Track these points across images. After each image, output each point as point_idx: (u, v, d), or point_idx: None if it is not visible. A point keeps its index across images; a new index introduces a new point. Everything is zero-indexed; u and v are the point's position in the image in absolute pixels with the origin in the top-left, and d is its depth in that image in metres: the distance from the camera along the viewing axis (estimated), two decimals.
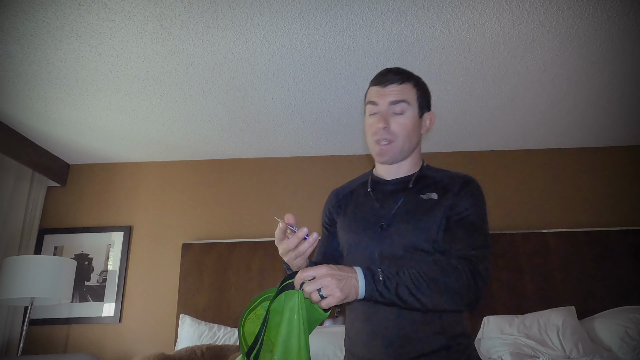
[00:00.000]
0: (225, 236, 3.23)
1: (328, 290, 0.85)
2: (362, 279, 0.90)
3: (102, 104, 2.61)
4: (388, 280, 0.90)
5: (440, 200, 1.10)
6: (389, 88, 1.13)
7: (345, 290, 0.86)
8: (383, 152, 1.14)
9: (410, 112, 1.13)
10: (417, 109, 1.15)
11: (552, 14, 2.00)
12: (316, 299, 0.85)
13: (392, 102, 1.12)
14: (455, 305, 0.97)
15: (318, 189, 3.33)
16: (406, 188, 1.15)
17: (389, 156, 1.14)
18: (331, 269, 0.87)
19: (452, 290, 0.94)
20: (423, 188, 1.14)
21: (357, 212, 1.20)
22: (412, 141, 1.15)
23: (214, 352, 2.27)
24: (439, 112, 2.86)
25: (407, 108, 1.13)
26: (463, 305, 0.97)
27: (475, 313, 2.86)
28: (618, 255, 3.01)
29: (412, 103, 1.14)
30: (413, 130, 1.14)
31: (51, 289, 2.58)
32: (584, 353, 2.37)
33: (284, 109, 2.76)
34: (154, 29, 2.00)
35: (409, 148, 1.16)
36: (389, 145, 1.13)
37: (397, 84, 1.13)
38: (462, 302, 0.97)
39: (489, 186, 3.36)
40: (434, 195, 1.11)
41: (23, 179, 3.02)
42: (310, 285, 0.85)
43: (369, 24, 2.03)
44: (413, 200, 1.12)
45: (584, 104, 2.83)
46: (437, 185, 1.13)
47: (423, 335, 1.02)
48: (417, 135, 1.17)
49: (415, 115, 1.15)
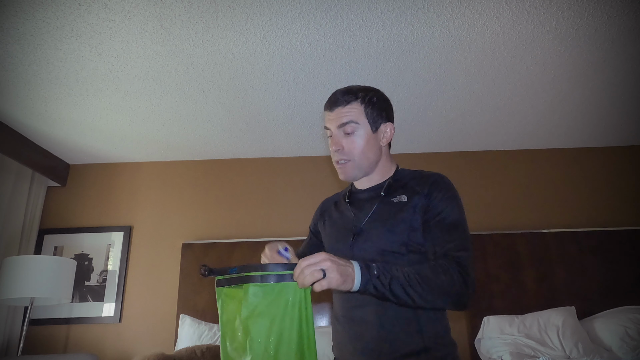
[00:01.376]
0: (225, 236, 3.23)
1: (329, 272, 0.87)
2: (358, 271, 0.92)
3: (102, 104, 2.61)
4: (382, 275, 0.93)
5: (410, 201, 1.13)
6: (336, 112, 1.17)
7: (344, 275, 0.88)
8: (342, 171, 1.19)
9: (360, 130, 1.16)
10: (368, 126, 1.17)
11: (552, 14, 2.00)
12: (318, 276, 0.86)
13: (340, 125, 1.17)
14: (444, 304, 1.00)
15: (318, 189, 3.33)
16: (379, 195, 1.20)
17: (348, 175, 1.20)
18: (330, 255, 0.90)
19: (443, 289, 0.97)
20: (394, 192, 1.18)
21: (335, 221, 1.28)
22: (369, 157, 1.19)
23: (214, 352, 2.27)
24: (439, 112, 2.86)
25: (356, 127, 1.16)
26: (453, 304, 1.00)
27: (475, 313, 2.86)
28: (618, 255, 3.01)
29: (361, 121, 1.17)
30: (367, 146, 1.17)
31: (51, 289, 2.58)
32: (584, 353, 2.37)
33: (284, 109, 2.76)
34: (154, 29, 2.00)
35: (368, 164, 1.19)
36: (346, 164, 1.18)
37: (342, 106, 1.17)
38: (452, 301, 0.99)
39: (489, 186, 3.36)
40: (404, 198, 1.15)
41: (23, 179, 3.02)
42: (310, 267, 0.87)
43: (369, 24, 2.04)
44: (385, 205, 1.16)
45: (584, 104, 2.83)
46: (406, 187, 1.17)
47: (402, 337, 1.06)
48: (374, 149, 1.20)
49: (367, 131, 1.17)
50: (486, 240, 3.06)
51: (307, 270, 0.87)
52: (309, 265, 0.87)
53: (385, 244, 1.11)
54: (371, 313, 1.08)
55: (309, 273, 0.86)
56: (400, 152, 3.43)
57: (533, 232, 3.10)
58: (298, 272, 0.88)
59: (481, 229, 3.16)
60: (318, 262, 0.88)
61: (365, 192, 1.24)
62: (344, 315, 1.15)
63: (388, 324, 1.07)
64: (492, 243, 3.06)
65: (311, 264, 0.87)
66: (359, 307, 1.11)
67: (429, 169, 1.28)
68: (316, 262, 0.87)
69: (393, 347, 1.05)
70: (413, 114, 2.87)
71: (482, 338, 2.68)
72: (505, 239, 3.07)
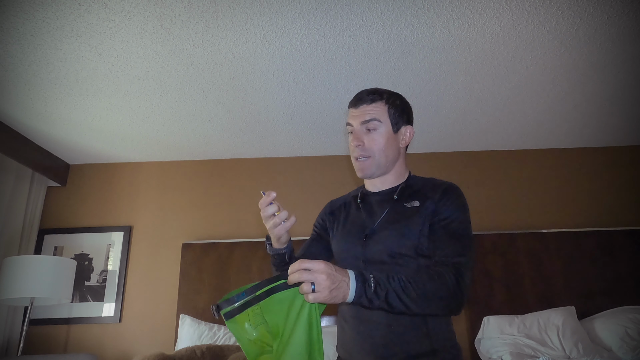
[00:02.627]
0: (225, 236, 3.23)
1: (319, 287, 0.86)
2: (353, 284, 0.91)
3: (102, 104, 2.61)
4: (379, 287, 0.93)
5: (422, 206, 1.15)
6: (360, 109, 1.21)
7: (333, 293, 0.88)
8: (361, 167, 1.21)
9: (382, 129, 1.20)
10: (390, 125, 1.21)
11: (552, 14, 2.00)
12: (307, 290, 0.87)
13: (363, 122, 1.20)
14: (439, 311, 1.00)
15: (318, 189, 3.33)
16: (392, 199, 1.21)
17: (366, 171, 1.22)
18: (328, 267, 0.88)
19: (438, 296, 0.98)
20: (407, 197, 1.20)
21: (347, 222, 1.28)
22: (388, 155, 1.21)
23: (214, 352, 2.27)
24: (439, 112, 2.86)
25: (378, 125, 1.19)
26: (447, 310, 1.01)
27: (475, 313, 2.86)
28: (618, 255, 3.01)
29: (384, 120, 1.20)
30: (388, 144, 1.20)
31: (51, 289, 2.58)
32: (584, 353, 2.37)
33: (284, 109, 2.76)
34: (154, 29, 2.00)
35: (385, 162, 1.22)
36: (366, 161, 1.20)
37: (367, 104, 1.21)
38: (447, 308, 1.01)
39: (489, 186, 3.36)
40: (416, 203, 1.17)
41: (23, 179, 3.02)
42: (305, 275, 0.87)
43: (369, 24, 2.04)
44: (397, 209, 1.18)
45: (584, 104, 2.83)
46: (419, 194, 1.19)
47: (410, 338, 1.06)
48: (394, 149, 1.22)
49: (389, 130, 1.21)
50: (486, 240, 3.06)
51: (300, 276, 0.87)
52: (303, 271, 0.87)
53: (396, 247, 1.12)
54: (380, 313, 1.08)
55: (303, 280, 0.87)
56: None
57: (533, 232, 3.10)
58: (293, 270, 0.88)
59: (481, 229, 3.16)
60: (314, 271, 0.87)
61: (378, 195, 1.26)
62: (352, 316, 1.15)
63: (396, 324, 1.07)
64: (492, 243, 3.06)
65: (307, 269, 0.87)
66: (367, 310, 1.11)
67: (429, 168, 1.29)
68: (313, 270, 0.87)
69: (401, 348, 1.06)
70: (413, 114, 2.87)
71: (482, 338, 2.68)
72: (505, 239, 3.07)
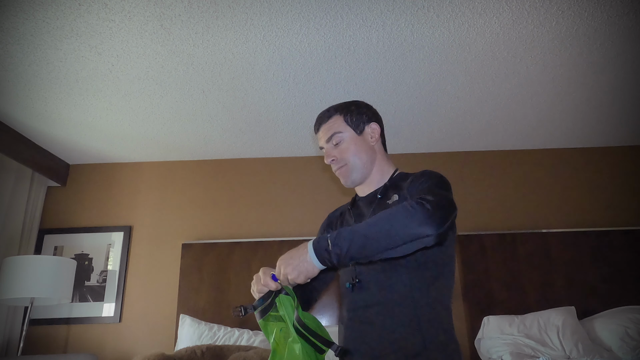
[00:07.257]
0: (225, 236, 3.23)
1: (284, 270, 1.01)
2: (311, 249, 1.00)
3: (102, 104, 2.61)
4: (338, 238, 0.98)
5: (400, 198, 1.17)
6: (322, 129, 1.29)
7: (299, 267, 1.00)
8: (342, 175, 1.27)
9: (346, 136, 1.26)
10: (351, 131, 1.27)
11: (552, 14, 2.00)
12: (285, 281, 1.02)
13: (328, 139, 1.27)
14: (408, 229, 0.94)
15: (318, 189, 3.33)
16: (376, 199, 1.23)
17: (348, 177, 1.27)
18: (283, 255, 1.03)
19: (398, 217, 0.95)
20: (389, 194, 1.22)
21: None
22: (362, 157, 1.25)
23: (214, 352, 2.27)
24: (439, 112, 2.86)
25: (341, 136, 1.26)
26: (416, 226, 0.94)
27: (475, 313, 2.86)
28: (618, 255, 3.01)
29: (344, 129, 1.26)
30: (357, 148, 1.25)
31: (51, 289, 2.58)
32: (584, 353, 2.37)
33: (284, 109, 2.76)
34: (154, 29, 2.01)
35: (362, 164, 1.25)
36: (343, 168, 1.26)
37: (325, 122, 1.29)
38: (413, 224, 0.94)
39: (489, 186, 3.36)
40: (396, 197, 1.19)
41: (23, 179, 3.02)
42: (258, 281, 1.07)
43: (369, 24, 2.04)
44: (381, 208, 1.19)
45: (584, 104, 2.83)
46: (398, 187, 1.21)
47: (404, 336, 1.05)
48: (366, 149, 1.27)
49: (353, 136, 1.26)
50: (486, 240, 3.06)
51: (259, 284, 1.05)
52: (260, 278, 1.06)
53: None
54: (375, 314, 1.09)
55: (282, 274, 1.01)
56: (401, 152, 3.43)
57: (533, 232, 3.10)
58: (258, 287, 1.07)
59: (481, 229, 3.16)
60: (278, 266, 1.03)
61: (366, 198, 1.28)
62: (350, 318, 1.16)
63: (391, 325, 1.07)
64: (492, 243, 3.06)
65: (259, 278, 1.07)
66: (363, 309, 1.12)
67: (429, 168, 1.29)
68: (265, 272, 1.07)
69: (395, 347, 1.05)
70: (413, 114, 2.87)
71: (482, 338, 2.68)
72: (505, 239, 3.07)
